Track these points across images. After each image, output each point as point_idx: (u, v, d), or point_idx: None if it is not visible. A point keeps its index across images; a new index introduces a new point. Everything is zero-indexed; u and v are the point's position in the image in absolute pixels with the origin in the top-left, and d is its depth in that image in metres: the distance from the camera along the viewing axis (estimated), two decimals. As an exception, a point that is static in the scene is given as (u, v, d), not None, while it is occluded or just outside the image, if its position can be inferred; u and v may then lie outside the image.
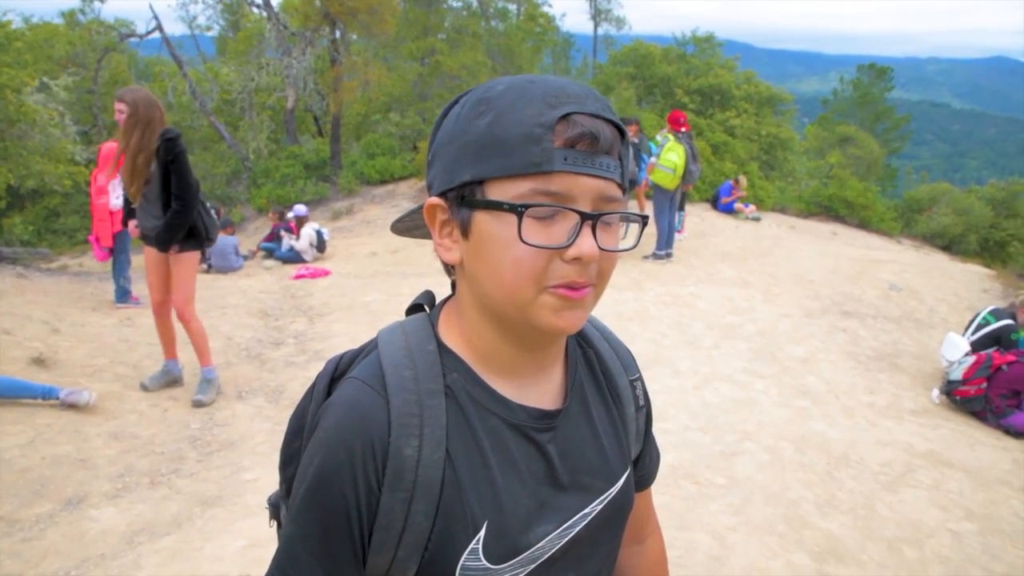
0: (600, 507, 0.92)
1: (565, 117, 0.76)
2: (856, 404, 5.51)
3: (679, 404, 5.05)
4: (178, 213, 4.52)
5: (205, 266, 9.60)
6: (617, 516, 0.96)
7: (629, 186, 0.86)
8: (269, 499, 1.05)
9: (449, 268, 0.90)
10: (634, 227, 0.86)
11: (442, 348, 0.87)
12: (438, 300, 0.97)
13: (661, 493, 3.83)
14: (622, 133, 0.80)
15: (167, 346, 5.15)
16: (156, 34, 16.74)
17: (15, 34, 12.26)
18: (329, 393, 0.89)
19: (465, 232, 0.82)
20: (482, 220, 0.79)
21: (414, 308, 0.96)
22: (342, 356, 0.92)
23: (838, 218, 16.03)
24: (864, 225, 15.92)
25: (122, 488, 3.86)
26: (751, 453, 4.45)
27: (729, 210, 13.40)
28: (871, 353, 6.77)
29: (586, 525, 0.90)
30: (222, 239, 9.60)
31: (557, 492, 0.88)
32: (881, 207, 16.91)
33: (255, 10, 18.88)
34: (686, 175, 8.87)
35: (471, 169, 0.79)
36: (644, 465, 1.08)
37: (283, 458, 0.95)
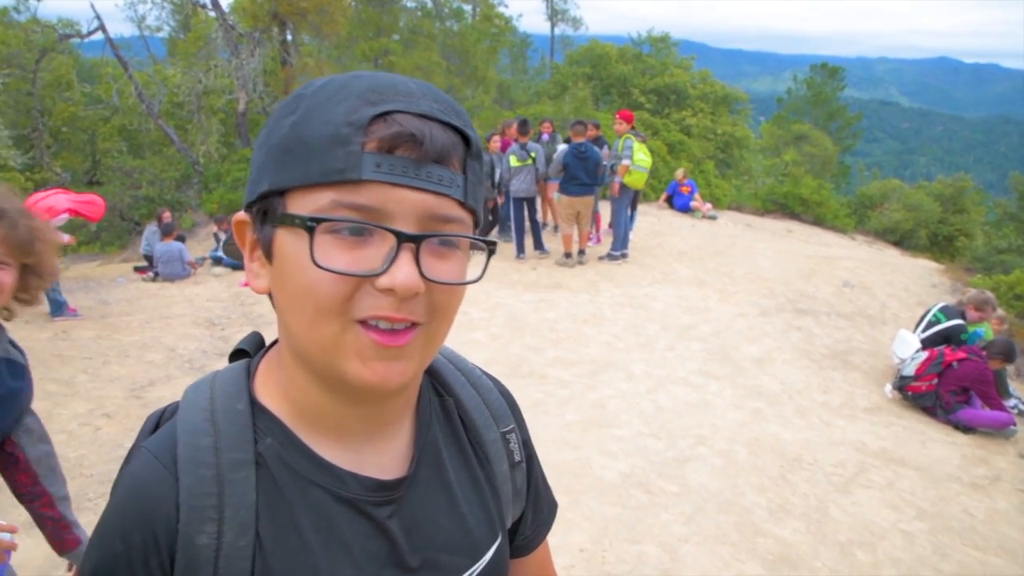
0: None
1: (384, 116, 0.62)
2: (810, 404, 5.50)
3: (632, 409, 4.97)
4: None
5: (152, 274, 9.29)
6: None
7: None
8: None
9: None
10: (480, 255, 0.71)
11: (256, 406, 0.72)
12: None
13: (612, 504, 3.74)
14: (467, 141, 0.66)
15: None
16: (99, 34, 16.20)
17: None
18: None
19: (268, 254, 0.67)
20: (282, 239, 0.65)
21: (238, 354, 0.79)
22: (165, 410, 0.76)
23: (793, 215, 16.22)
24: (819, 222, 16.14)
25: (44, 516, 3.63)
26: (704, 458, 4.39)
27: (685, 208, 13.46)
28: (825, 351, 6.79)
29: None
30: (167, 246, 9.30)
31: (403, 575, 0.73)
32: (835, 204, 17.18)
33: (204, 11, 18.41)
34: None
35: (270, 177, 0.65)
36: (527, 527, 0.93)
37: None
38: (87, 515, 3.71)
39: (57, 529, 1.88)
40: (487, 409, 0.86)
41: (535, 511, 0.93)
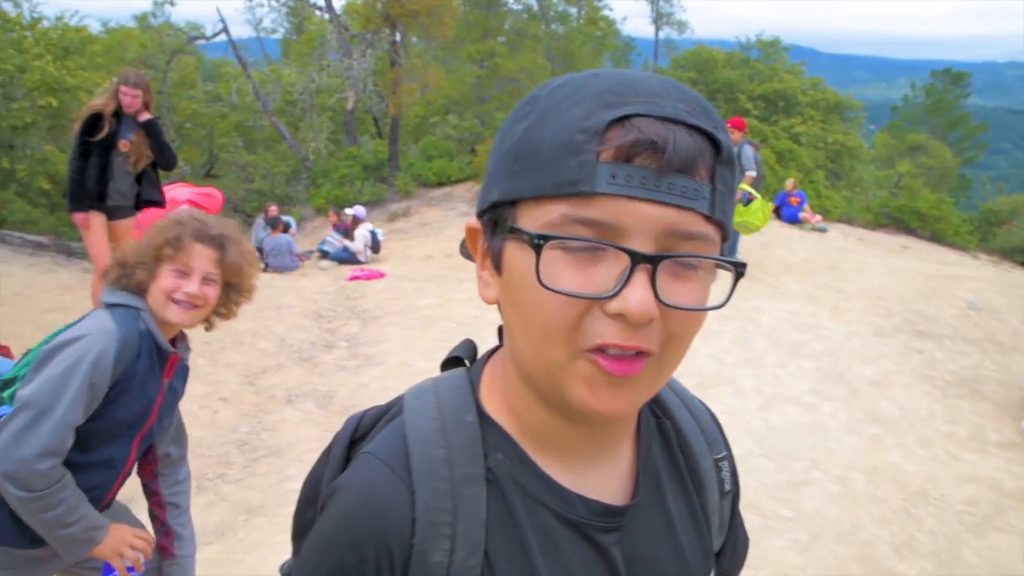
0: None
1: (622, 120, 0.56)
2: (934, 433, 5.14)
3: (742, 427, 4.79)
4: None
5: (262, 265, 9.69)
6: None
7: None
8: (281, 569, 0.90)
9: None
10: (726, 276, 0.64)
11: (484, 419, 0.69)
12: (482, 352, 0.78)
13: (723, 525, 3.59)
14: (717, 145, 0.59)
15: None
16: (223, 36, 17.13)
17: (90, 38, 12.68)
18: (348, 460, 0.73)
19: (498, 265, 0.64)
20: (512, 252, 0.62)
21: (451, 362, 0.77)
22: (364, 414, 0.75)
23: (909, 230, 15.34)
24: (937, 238, 15.19)
25: (168, 492, 3.82)
26: (819, 483, 4.18)
27: (793, 220, 12.93)
28: (949, 377, 6.35)
29: None
30: (276, 239, 9.69)
31: None
32: (956, 219, 16.12)
33: (318, 13, 19.18)
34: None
35: (500, 186, 0.62)
36: (726, 560, 0.87)
37: (296, 528, 0.80)
38: (206, 495, 3.88)
39: (159, 532, 1.93)
40: (702, 434, 0.81)
41: (734, 545, 0.88)
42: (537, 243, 0.57)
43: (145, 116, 5.02)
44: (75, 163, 4.95)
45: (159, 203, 5.51)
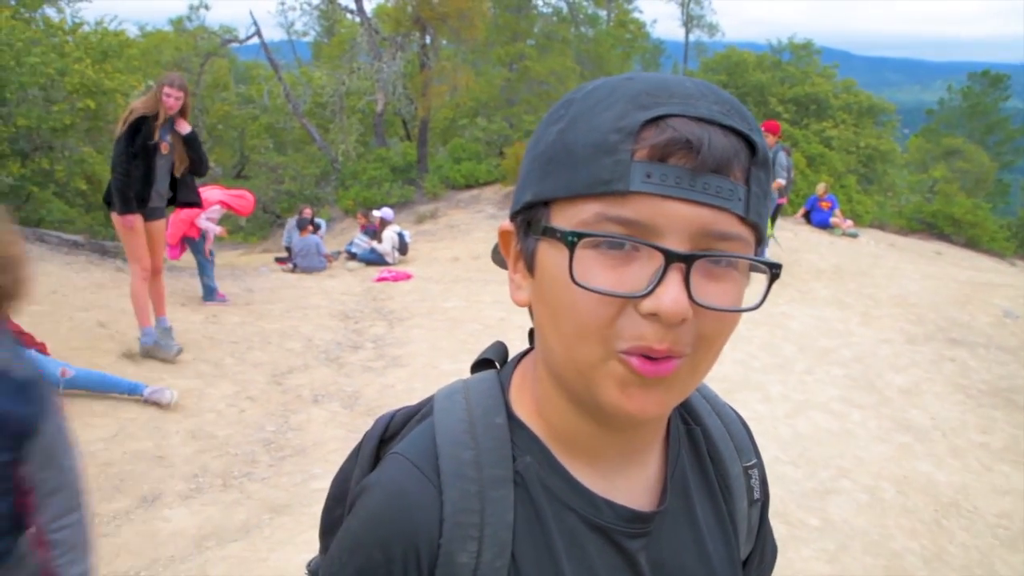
0: None
1: (656, 120, 0.56)
2: (967, 444, 5.03)
3: (769, 433, 4.73)
4: None
5: (291, 266, 9.80)
6: None
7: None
8: (308, 565, 0.91)
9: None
10: (760, 278, 0.63)
11: (513, 421, 0.69)
12: (512, 355, 0.78)
13: (748, 533, 3.55)
14: (752, 147, 0.59)
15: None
16: (255, 39, 17.38)
17: (127, 42, 12.92)
18: (378, 459, 0.73)
19: (530, 266, 0.65)
20: (544, 252, 0.62)
21: (482, 364, 0.77)
22: (394, 414, 0.76)
23: (943, 236, 15.06)
24: (972, 244, 14.90)
25: (195, 489, 3.88)
26: (848, 492, 4.11)
27: (824, 224, 12.76)
28: (983, 387, 6.21)
29: None
30: (305, 240, 9.79)
31: None
32: (992, 225, 15.81)
33: (349, 16, 19.37)
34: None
35: (534, 187, 0.63)
36: (753, 570, 0.86)
37: (324, 525, 0.81)
38: (231, 493, 3.93)
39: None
40: (731, 441, 0.80)
41: (761, 554, 0.86)
42: (571, 240, 0.57)
43: (186, 128, 5.06)
44: (124, 166, 4.91)
45: (197, 204, 5.67)
